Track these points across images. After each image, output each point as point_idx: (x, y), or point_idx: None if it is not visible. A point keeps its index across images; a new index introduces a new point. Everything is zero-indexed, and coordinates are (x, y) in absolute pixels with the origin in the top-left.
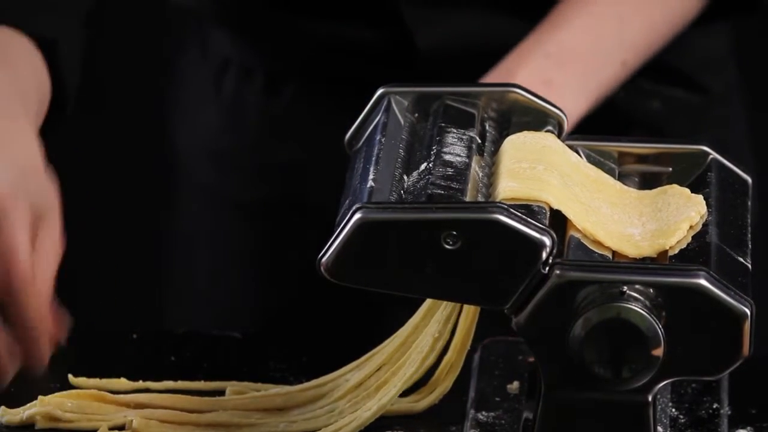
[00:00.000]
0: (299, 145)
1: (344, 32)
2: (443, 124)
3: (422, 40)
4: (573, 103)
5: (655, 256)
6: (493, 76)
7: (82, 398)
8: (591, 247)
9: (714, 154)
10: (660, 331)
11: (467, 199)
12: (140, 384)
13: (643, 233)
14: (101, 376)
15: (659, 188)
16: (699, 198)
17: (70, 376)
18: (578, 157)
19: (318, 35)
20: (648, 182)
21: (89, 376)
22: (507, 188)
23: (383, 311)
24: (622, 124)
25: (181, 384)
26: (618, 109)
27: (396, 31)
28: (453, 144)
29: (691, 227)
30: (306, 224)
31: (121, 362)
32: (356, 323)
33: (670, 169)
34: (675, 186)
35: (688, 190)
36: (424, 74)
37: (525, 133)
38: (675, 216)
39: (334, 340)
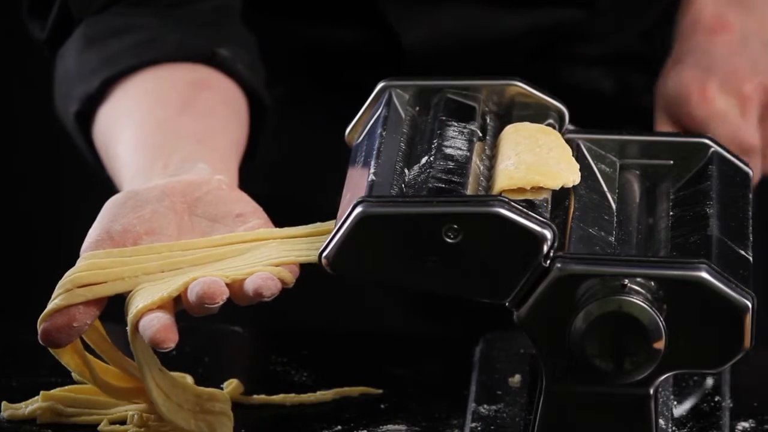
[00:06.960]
0: (288, 146)
1: (330, 34)
2: (444, 118)
3: (407, 39)
4: None
5: (528, 189)
6: None
7: (84, 393)
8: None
9: (715, 147)
10: (661, 324)
11: (468, 192)
12: None
13: (518, 163)
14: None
15: (542, 126)
16: (576, 167)
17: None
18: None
19: (304, 38)
20: (649, 175)
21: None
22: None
23: (382, 305)
24: (615, 120)
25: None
26: (610, 105)
27: (381, 31)
28: (454, 137)
29: (563, 186)
30: (297, 222)
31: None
32: (356, 318)
33: (672, 161)
34: (558, 137)
35: (569, 152)
36: (412, 73)
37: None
38: (555, 165)
39: (334, 334)
